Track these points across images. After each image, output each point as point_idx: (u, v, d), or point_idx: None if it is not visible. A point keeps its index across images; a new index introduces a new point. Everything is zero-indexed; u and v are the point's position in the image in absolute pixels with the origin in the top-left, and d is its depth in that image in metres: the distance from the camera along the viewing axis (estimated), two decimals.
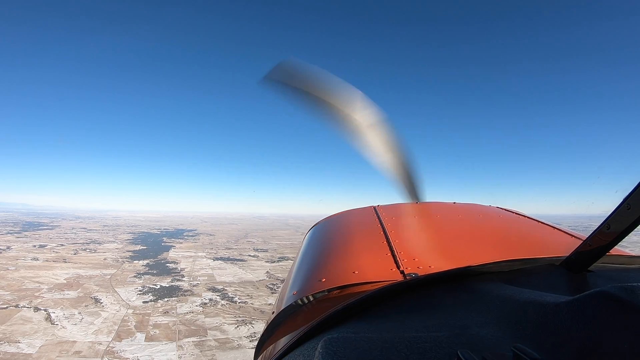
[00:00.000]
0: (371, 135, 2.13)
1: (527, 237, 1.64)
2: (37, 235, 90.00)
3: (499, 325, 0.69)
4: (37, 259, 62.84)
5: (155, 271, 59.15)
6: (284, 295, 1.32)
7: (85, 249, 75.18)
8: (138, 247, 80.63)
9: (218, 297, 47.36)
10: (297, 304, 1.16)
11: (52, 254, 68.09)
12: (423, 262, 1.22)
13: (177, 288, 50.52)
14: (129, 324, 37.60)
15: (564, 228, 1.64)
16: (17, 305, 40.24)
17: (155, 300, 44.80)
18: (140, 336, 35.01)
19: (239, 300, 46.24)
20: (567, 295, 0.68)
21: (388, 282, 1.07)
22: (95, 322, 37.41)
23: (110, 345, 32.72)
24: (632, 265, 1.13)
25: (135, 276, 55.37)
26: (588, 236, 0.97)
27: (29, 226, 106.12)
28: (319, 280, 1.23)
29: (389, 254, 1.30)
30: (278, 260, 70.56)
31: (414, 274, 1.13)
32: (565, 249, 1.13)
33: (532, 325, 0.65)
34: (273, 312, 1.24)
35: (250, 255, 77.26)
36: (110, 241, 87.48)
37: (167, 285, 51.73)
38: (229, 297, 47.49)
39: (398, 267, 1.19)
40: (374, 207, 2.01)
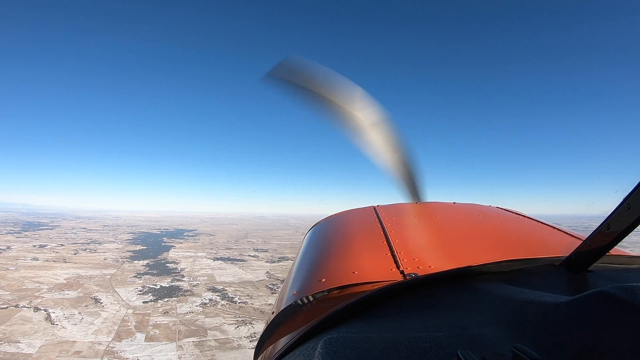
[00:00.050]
0: (373, 134, 2.12)
1: (527, 237, 1.63)
2: (37, 235, 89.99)
3: (499, 325, 0.69)
4: (37, 259, 62.82)
5: (155, 271, 59.12)
6: (283, 295, 1.32)
7: (85, 249, 75.15)
8: (138, 247, 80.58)
9: (218, 297, 47.34)
10: (297, 304, 1.16)
11: (52, 254, 68.06)
12: (423, 262, 1.22)
13: (177, 288, 50.50)
14: (129, 324, 37.58)
15: (564, 228, 1.64)
16: (17, 305, 40.22)
17: (155, 301, 44.78)
18: (140, 336, 34.98)
19: (239, 301, 46.22)
20: (567, 295, 0.68)
21: (388, 282, 1.07)
22: (95, 322, 37.39)
23: (110, 345, 32.70)
24: (632, 265, 1.13)
25: (135, 276, 55.34)
26: (588, 236, 0.97)
27: (29, 226, 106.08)
28: (318, 280, 1.23)
29: (389, 254, 1.30)
30: (278, 261, 70.52)
31: (414, 274, 1.13)
32: (565, 249, 1.13)
33: (532, 325, 0.65)
34: (273, 312, 1.24)
35: (250, 256, 77.23)
36: (110, 241, 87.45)
37: (167, 285, 51.70)
38: (229, 297, 47.47)
39: (398, 267, 1.19)
40: (374, 207, 2.01)
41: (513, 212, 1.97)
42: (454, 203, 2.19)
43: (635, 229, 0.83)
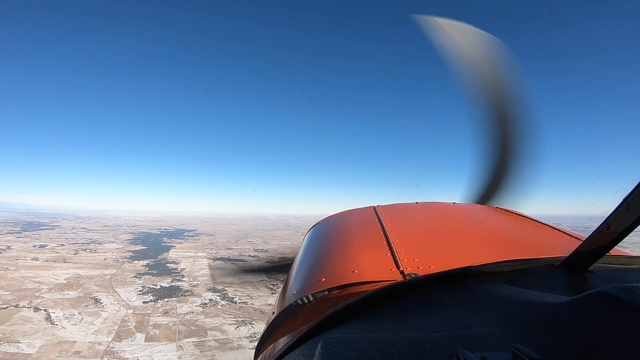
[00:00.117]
0: (503, 115, 1.99)
1: (527, 237, 1.63)
2: (37, 235, 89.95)
3: (499, 325, 0.69)
4: (37, 259, 62.79)
5: (155, 271, 59.07)
6: (284, 296, 1.32)
7: (85, 249, 75.09)
8: (138, 247, 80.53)
9: (218, 297, 47.30)
10: (297, 304, 1.16)
11: (52, 254, 68.04)
12: (423, 262, 1.21)
13: (177, 288, 50.46)
14: (128, 324, 37.55)
15: (564, 228, 1.64)
16: (17, 305, 40.20)
17: (155, 301, 44.73)
18: (140, 336, 34.95)
19: (239, 301, 46.19)
20: (567, 296, 0.68)
21: (388, 282, 1.06)
22: (95, 322, 37.36)
23: (110, 345, 32.67)
24: (632, 266, 1.13)
25: (135, 276, 55.30)
26: (588, 236, 0.97)
27: (29, 226, 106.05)
28: (319, 280, 1.23)
29: (389, 254, 1.30)
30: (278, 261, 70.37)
31: (413, 274, 1.13)
32: (565, 249, 1.13)
33: (532, 325, 0.65)
34: (273, 312, 1.24)
35: (250, 256, 77.15)
36: (110, 241, 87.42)
37: (167, 285, 51.66)
38: (229, 297, 47.44)
39: (398, 267, 1.19)
40: (374, 207, 2.01)
41: (513, 212, 1.97)
42: (454, 203, 2.19)
43: (635, 229, 0.82)
